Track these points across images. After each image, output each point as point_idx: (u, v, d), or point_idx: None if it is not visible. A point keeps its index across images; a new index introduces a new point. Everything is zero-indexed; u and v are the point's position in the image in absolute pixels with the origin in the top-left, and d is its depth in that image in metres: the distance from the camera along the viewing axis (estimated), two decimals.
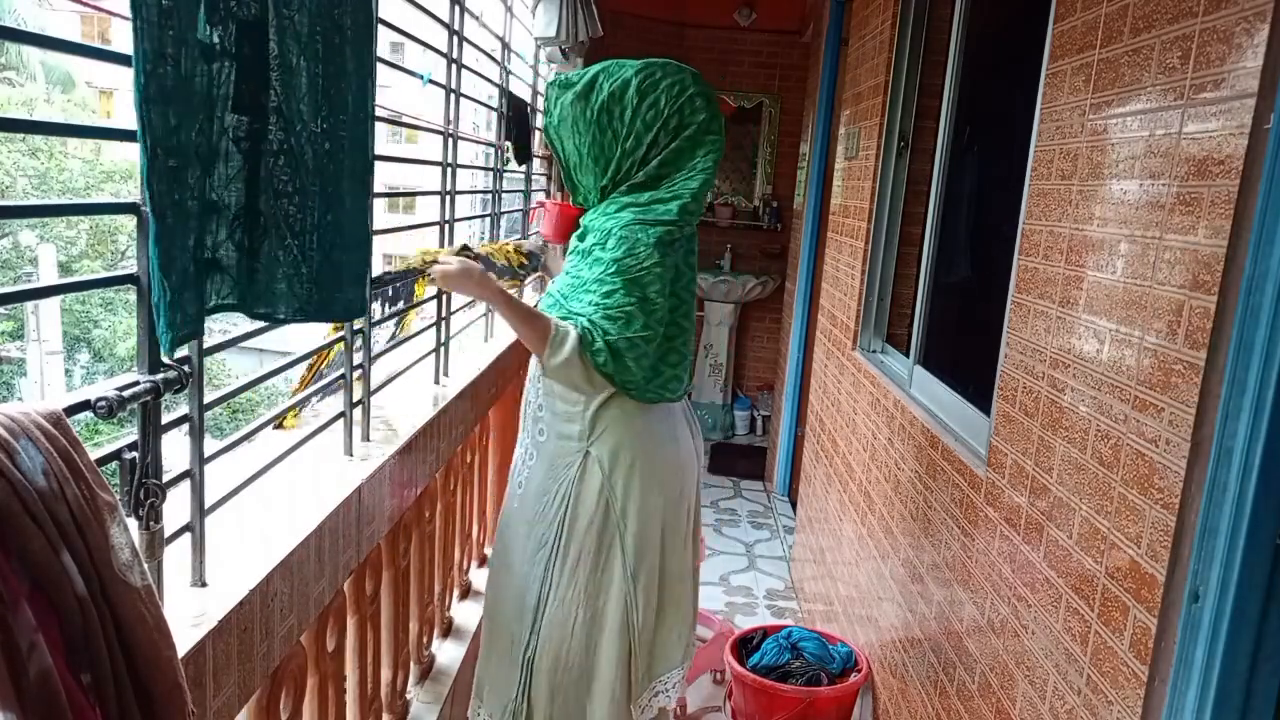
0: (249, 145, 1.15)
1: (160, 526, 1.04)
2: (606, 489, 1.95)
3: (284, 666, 1.42)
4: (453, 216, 2.45)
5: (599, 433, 1.94)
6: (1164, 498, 1.13)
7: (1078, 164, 1.48)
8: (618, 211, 1.89)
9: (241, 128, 1.13)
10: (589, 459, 1.95)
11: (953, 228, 2.57)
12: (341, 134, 1.32)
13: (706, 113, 1.92)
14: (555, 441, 1.98)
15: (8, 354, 14.46)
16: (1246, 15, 1.05)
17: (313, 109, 1.23)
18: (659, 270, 1.84)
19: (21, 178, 13.84)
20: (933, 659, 2.03)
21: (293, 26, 1.18)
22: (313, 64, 1.22)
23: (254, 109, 1.14)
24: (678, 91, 1.90)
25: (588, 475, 1.95)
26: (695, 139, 1.92)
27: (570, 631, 1.99)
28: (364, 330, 1.76)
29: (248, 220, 1.17)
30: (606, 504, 1.96)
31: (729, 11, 5.45)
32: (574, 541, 1.97)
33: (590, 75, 1.93)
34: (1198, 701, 1.06)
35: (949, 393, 2.23)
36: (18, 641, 0.70)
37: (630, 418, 1.95)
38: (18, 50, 13.15)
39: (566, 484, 1.96)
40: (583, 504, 1.96)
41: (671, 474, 2.02)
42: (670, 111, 1.89)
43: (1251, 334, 1.01)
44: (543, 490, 1.99)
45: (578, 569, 1.98)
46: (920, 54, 2.88)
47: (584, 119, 1.91)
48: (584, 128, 1.92)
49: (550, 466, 1.98)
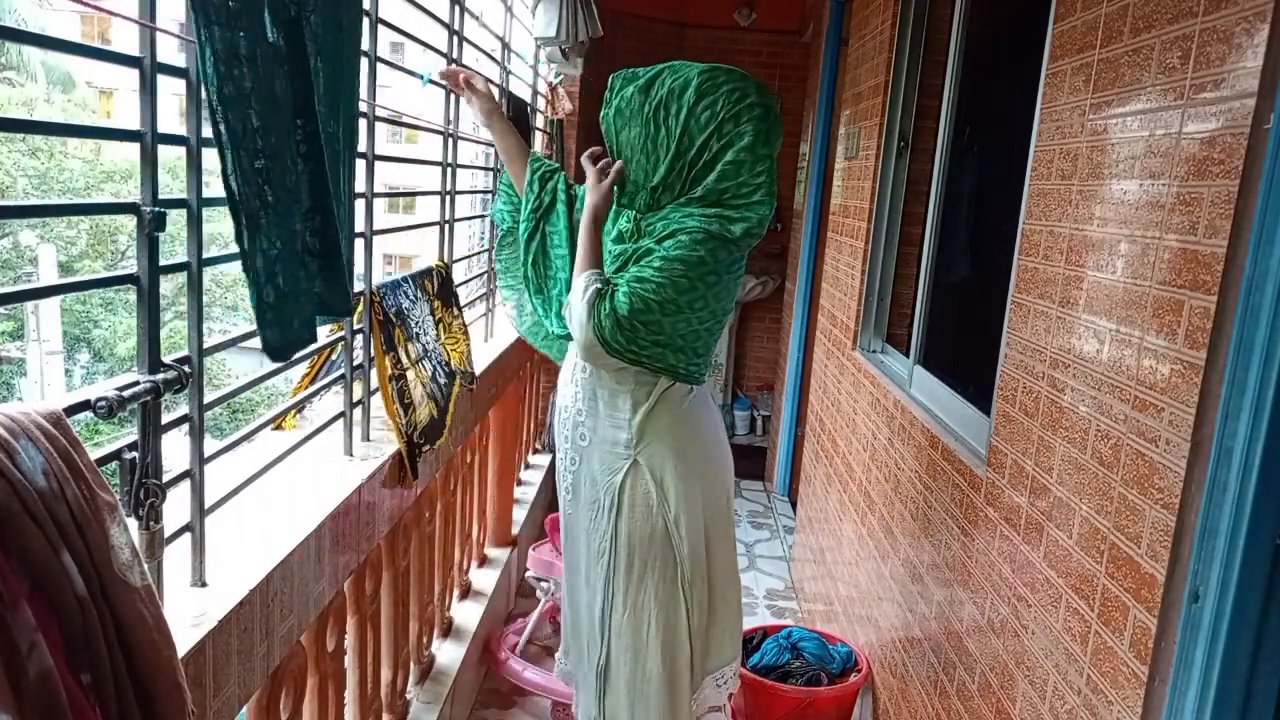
0: (306, 148, 1.16)
1: (160, 526, 1.04)
2: (658, 497, 1.93)
3: (284, 666, 1.42)
4: (453, 216, 2.45)
5: (647, 441, 1.91)
6: (1164, 498, 1.13)
7: (1078, 164, 1.48)
8: (683, 218, 1.83)
9: (298, 130, 1.14)
10: (638, 468, 1.92)
11: (953, 228, 2.57)
12: (343, 135, 1.32)
13: (765, 123, 1.86)
14: (600, 447, 1.95)
15: (8, 354, 14.46)
16: (1246, 15, 1.05)
17: (329, 110, 1.24)
18: (702, 286, 1.79)
19: (21, 178, 13.84)
20: (933, 659, 2.03)
21: (310, 27, 1.18)
22: (326, 65, 1.23)
23: (305, 111, 1.15)
24: (737, 98, 1.84)
25: (638, 484, 1.93)
26: (754, 152, 1.85)
27: (645, 640, 1.97)
28: (364, 330, 1.76)
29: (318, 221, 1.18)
30: (659, 512, 1.94)
31: (729, 11, 5.45)
32: (633, 551, 1.95)
33: (655, 70, 1.88)
34: (1198, 701, 1.06)
35: (949, 393, 2.23)
36: (17, 642, 0.70)
37: (678, 423, 1.93)
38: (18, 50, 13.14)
39: (615, 493, 1.94)
40: (636, 513, 1.94)
41: (717, 476, 2.01)
42: (726, 116, 1.83)
43: (1251, 334, 1.01)
44: (591, 499, 1.98)
45: (645, 577, 1.96)
46: (920, 54, 2.88)
47: (640, 113, 1.86)
48: (639, 122, 1.86)
49: (597, 474, 1.96)
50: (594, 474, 1.96)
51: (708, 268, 1.78)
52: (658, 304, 1.75)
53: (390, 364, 1.79)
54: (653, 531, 1.94)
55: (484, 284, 3.25)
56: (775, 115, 1.90)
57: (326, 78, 1.23)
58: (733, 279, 1.88)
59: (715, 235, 1.79)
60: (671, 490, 1.92)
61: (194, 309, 1.12)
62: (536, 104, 4.17)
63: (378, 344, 1.73)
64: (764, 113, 1.87)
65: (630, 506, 1.93)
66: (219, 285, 14.96)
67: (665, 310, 1.77)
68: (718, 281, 1.81)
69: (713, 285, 1.81)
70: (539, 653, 3.06)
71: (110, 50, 0.99)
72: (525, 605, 3.31)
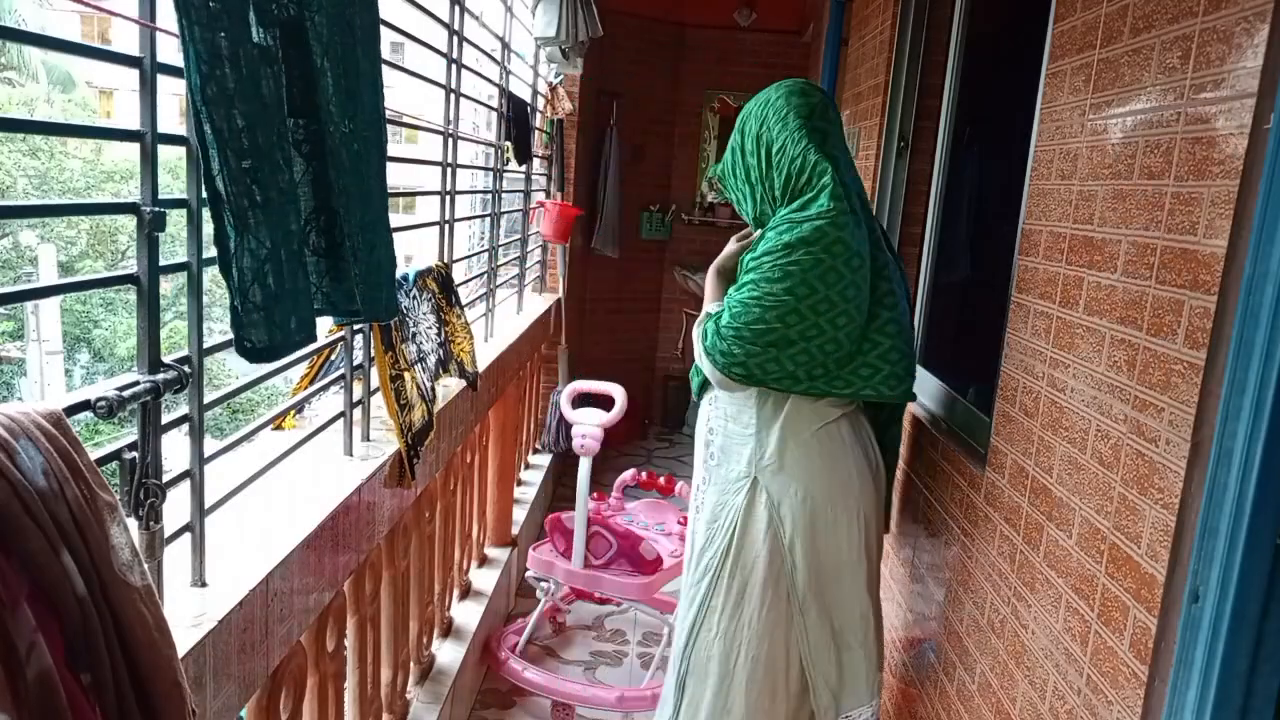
0: (309, 148, 1.16)
1: (160, 526, 1.04)
2: (775, 520, 1.90)
3: (284, 666, 1.42)
4: (453, 216, 2.45)
5: (768, 461, 1.90)
6: (1164, 498, 1.13)
7: (1078, 164, 1.48)
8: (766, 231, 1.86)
9: (299, 130, 1.14)
10: (757, 487, 1.91)
11: (953, 228, 2.57)
12: (366, 134, 1.32)
13: (799, 116, 1.87)
14: (725, 466, 1.96)
15: (8, 354, 14.45)
16: (1246, 15, 1.05)
17: (340, 110, 1.24)
18: (791, 267, 1.76)
19: (22, 178, 13.84)
20: (933, 659, 2.03)
21: (314, 27, 1.18)
22: (335, 65, 1.23)
23: (306, 112, 1.15)
24: (767, 99, 1.91)
25: (755, 504, 1.91)
26: (802, 143, 1.85)
27: (731, 669, 1.94)
28: (363, 330, 1.76)
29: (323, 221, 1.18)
30: (775, 536, 1.90)
31: (729, 11, 5.45)
32: (739, 573, 1.93)
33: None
34: (1198, 701, 1.06)
35: (949, 393, 2.23)
36: (16, 643, 0.70)
37: (803, 446, 1.89)
38: (18, 50, 13.14)
39: (734, 511, 1.92)
40: (750, 534, 1.91)
41: (847, 505, 1.92)
42: (763, 121, 1.89)
43: (1251, 334, 1.01)
44: (713, 517, 1.97)
45: (742, 603, 1.93)
46: (920, 54, 2.88)
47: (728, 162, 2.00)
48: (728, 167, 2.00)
49: (720, 493, 1.96)
50: (720, 491, 1.96)
51: (791, 258, 1.77)
52: (755, 301, 1.78)
53: (389, 363, 1.79)
54: (766, 555, 1.90)
55: (484, 284, 3.25)
56: (802, 96, 1.91)
57: (336, 78, 1.23)
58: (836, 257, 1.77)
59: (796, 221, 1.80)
60: (789, 515, 1.89)
61: (194, 309, 1.13)
62: (536, 104, 4.17)
63: (378, 343, 1.73)
64: (783, 98, 1.90)
65: (745, 528, 1.91)
66: (219, 285, 14.85)
67: (765, 309, 1.77)
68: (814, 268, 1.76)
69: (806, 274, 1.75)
70: (539, 653, 3.06)
71: (110, 50, 1.00)
72: (525, 605, 3.31)
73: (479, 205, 5.48)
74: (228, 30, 0.95)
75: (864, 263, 1.81)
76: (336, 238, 1.22)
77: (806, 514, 1.89)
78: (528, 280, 4.16)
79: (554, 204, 4.15)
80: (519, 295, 3.94)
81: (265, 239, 1.04)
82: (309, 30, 1.17)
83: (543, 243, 4.46)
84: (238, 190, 0.98)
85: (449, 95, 2.36)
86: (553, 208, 4.10)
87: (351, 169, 1.26)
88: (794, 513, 1.89)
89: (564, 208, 4.14)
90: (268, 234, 1.05)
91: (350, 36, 1.28)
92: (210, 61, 0.92)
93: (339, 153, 1.23)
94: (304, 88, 1.16)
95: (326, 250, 1.22)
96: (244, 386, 1.44)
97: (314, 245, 1.20)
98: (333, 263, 1.23)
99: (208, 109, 0.93)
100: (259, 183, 1.01)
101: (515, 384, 3.52)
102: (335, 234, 1.22)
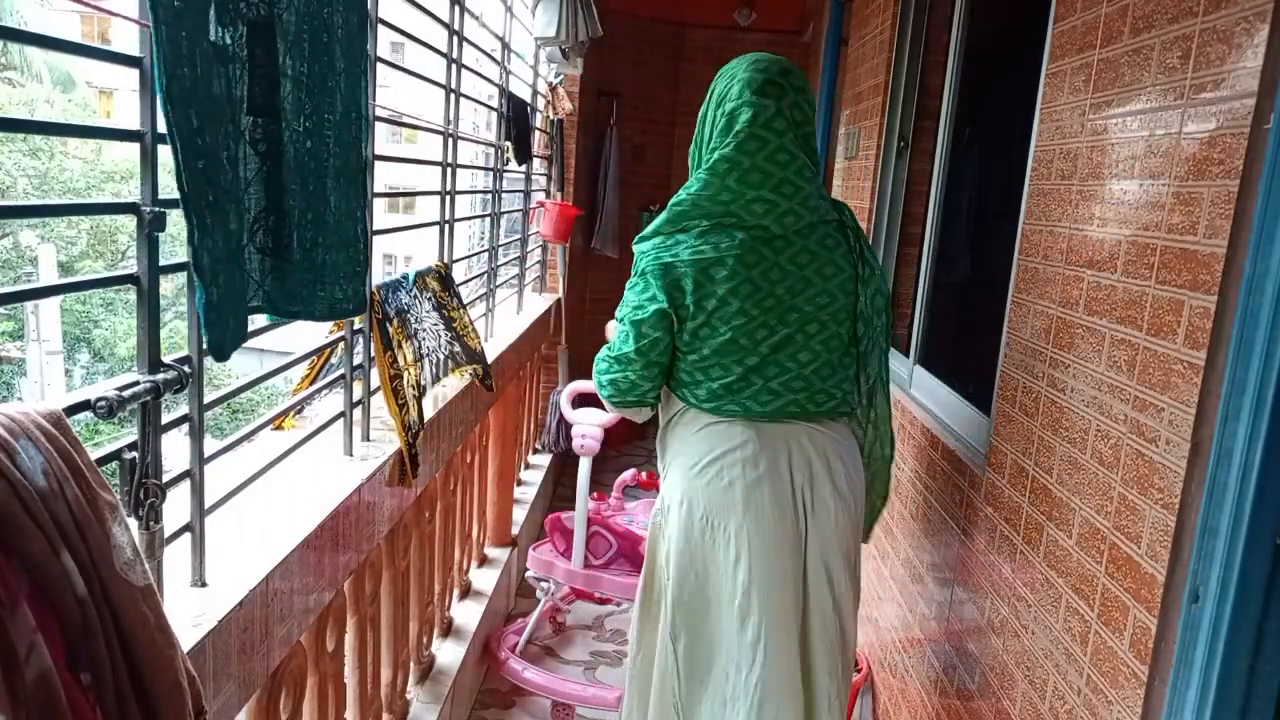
0: (265, 147, 1.16)
1: (160, 526, 1.04)
2: (662, 530, 1.75)
3: (284, 666, 1.42)
4: (453, 216, 2.44)
5: (663, 469, 1.78)
6: (1164, 498, 1.13)
7: (1078, 164, 1.48)
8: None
9: (258, 129, 1.14)
10: (660, 497, 1.79)
11: (952, 228, 2.57)
12: (327, 133, 1.32)
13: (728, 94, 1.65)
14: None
15: (8, 354, 14.46)
16: (1246, 15, 1.05)
17: (295, 107, 1.24)
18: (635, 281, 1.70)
19: (22, 178, 13.84)
20: (933, 659, 2.03)
21: (280, 25, 1.18)
22: (298, 63, 1.23)
23: (267, 110, 1.15)
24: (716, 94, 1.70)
25: (658, 512, 1.78)
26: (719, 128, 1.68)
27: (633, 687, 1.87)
28: (364, 330, 1.76)
29: (272, 221, 1.18)
30: (656, 547, 1.76)
31: (729, 11, 5.45)
32: (642, 586, 1.83)
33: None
34: (1198, 701, 1.06)
35: (949, 393, 2.23)
36: (15, 644, 0.70)
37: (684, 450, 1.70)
38: (21, 51, 13.14)
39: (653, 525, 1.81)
40: (652, 544, 1.79)
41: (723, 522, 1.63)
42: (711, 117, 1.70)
43: (1251, 334, 1.01)
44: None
45: (643, 623, 1.82)
46: (920, 54, 2.88)
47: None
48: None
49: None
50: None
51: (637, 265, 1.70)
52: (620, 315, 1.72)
53: (388, 363, 1.79)
54: (650, 566, 1.80)
55: (484, 284, 3.25)
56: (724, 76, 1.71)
57: (298, 76, 1.23)
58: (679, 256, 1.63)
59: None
60: (667, 524, 1.73)
61: (194, 309, 1.13)
62: (536, 104, 4.17)
63: (378, 343, 1.73)
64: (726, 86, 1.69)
65: (653, 535, 1.79)
66: None
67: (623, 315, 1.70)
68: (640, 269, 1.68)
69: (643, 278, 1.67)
70: (539, 653, 3.06)
71: (110, 50, 1.00)
72: (525, 605, 3.31)
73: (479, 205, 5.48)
74: (189, 30, 0.95)
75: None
76: (284, 238, 1.22)
77: (679, 528, 1.67)
78: (528, 280, 4.16)
79: (554, 204, 4.15)
80: (519, 295, 3.94)
81: (219, 238, 1.05)
82: (277, 28, 1.17)
83: (543, 243, 4.46)
84: (196, 190, 0.98)
85: (449, 95, 2.35)
86: (553, 208, 4.10)
87: (300, 168, 1.26)
88: (671, 525, 1.71)
89: (564, 208, 4.15)
90: (221, 234, 1.05)
91: (328, 34, 1.28)
92: (174, 61, 0.92)
93: (289, 151, 1.23)
94: (266, 87, 1.16)
95: (274, 250, 1.22)
96: (244, 386, 1.44)
97: (260, 244, 1.20)
98: (277, 262, 1.23)
99: (171, 108, 0.92)
100: (211, 182, 1.01)
101: (515, 384, 3.52)
102: (283, 234, 1.22)
